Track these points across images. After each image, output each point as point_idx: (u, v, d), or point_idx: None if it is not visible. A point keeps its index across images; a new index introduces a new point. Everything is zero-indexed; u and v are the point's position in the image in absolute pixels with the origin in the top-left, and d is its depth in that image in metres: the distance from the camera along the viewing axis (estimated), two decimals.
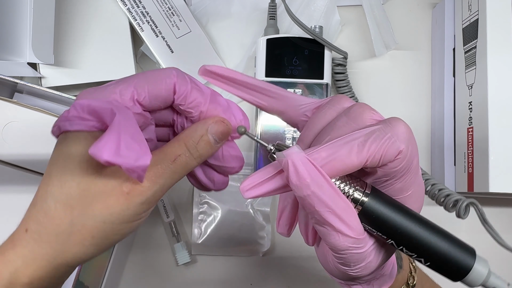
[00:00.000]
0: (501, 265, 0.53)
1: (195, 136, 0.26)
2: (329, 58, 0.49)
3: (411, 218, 0.24)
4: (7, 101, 0.40)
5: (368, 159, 0.23)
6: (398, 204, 0.24)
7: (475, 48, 0.46)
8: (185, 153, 0.26)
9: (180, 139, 0.26)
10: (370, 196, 0.24)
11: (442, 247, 0.24)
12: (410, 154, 0.24)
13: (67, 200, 0.25)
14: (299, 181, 0.22)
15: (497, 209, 0.53)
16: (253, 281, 0.52)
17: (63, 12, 0.49)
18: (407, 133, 0.24)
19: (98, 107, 0.24)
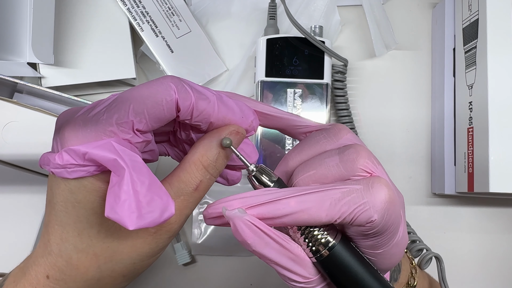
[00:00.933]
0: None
1: (211, 155, 0.24)
2: (329, 58, 0.49)
3: (366, 280, 0.24)
4: (7, 101, 0.40)
5: (337, 219, 0.22)
6: (360, 263, 0.24)
7: (475, 48, 0.46)
8: (206, 176, 0.24)
9: (196, 162, 0.24)
10: (336, 246, 0.23)
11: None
12: (385, 223, 0.23)
13: (90, 249, 0.23)
14: (242, 241, 0.22)
15: (497, 209, 0.53)
16: (253, 281, 0.52)
17: (63, 12, 0.49)
18: (385, 203, 0.22)
19: (99, 157, 0.21)
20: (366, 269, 0.24)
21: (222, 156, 0.24)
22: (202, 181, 0.24)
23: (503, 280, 0.53)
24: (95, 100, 0.30)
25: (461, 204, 0.53)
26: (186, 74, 0.50)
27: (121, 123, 0.22)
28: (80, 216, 0.23)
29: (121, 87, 0.53)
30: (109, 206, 0.21)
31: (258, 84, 0.49)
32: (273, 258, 0.23)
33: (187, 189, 0.24)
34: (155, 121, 0.23)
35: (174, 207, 0.22)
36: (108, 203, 0.21)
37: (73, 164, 0.22)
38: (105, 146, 0.21)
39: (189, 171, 0.24)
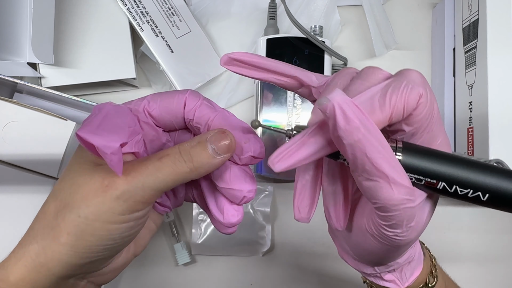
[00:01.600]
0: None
1: (191, 142, 0.25)
2: (329, 58, 0.49)
3: (453, 158, 0.23)
4: (7, 101, 0.40)
5: (392, 111, 0.22)
6: (434, 150, 0.23)
7: (475, 48, 0.46)
8: (175, 154, 0.24)
9: (175, 146, 0.25)
10: (405, 148, 0.23)
11: (495, 178, 0.22)
12: (430, 97, 0.23)
13: (58, 194, 0.25)
14: (349, 124, 0.20)
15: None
16: (253, 281, 0.52)
17: (63, 12, 0.49)
18: (422, 78, 0.23)
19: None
20: (443, 151, 0.23)
21: (201, 147, 0.25)
22: (168, 155, 0.24)
23: (503, 280, 0.53)
24: (95, 100, 0.31)
25: (461, 204, 0.53)
26: (186, 74, 0.50)
27: (137, 103, 0.27)
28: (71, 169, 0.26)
29: (121, 87, 0.53)
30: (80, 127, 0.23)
31: (258, 84, 0.48)
32: (381, 147, 0.21)
33: (152, 158, 0.25)
34: (164, 110, 0.27)
35: (120, 142, 0.23)
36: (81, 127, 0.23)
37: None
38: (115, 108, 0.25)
39: (164, 148, 0.26)
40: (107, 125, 0.23)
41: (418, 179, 0.23)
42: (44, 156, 0.39)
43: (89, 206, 0.24)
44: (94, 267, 0.26)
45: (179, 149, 0.25)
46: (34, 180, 0.39)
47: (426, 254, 0.33)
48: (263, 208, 0.52)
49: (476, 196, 0.23)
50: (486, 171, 0.23)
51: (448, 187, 0.23)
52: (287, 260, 0.52)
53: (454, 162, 0.23)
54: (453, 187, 0.23)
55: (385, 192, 0.22)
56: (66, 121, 0.40)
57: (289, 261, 0.52)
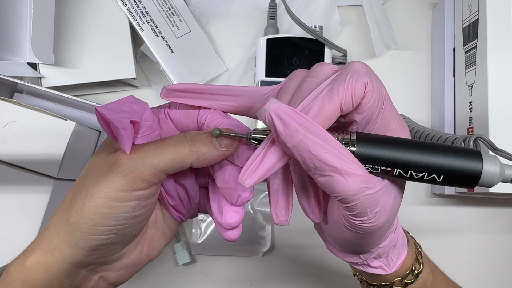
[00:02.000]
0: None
1: (198, 132, 0.26)
2: (329, 58, 0.49)
3: (406, 143, 0.24)
4: (7, 101, 0.40)
5: (341, 103, 0.23)
6: (388, 137, 0.24)
7: (475, 48, 0.46)
8: (179, 136, 0.26)
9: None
10: (358, 139, 0.24)
11: (447, 159, 0.23)
12: (377, 85, 0.24)
13: (77, 182, 0.26)
14: (288, 128, 0.22)
15: (497, 209, 0.53)
16: (253, 281, 0.52)
17: (63, 12, 0.49)
18: (366, 67, 0.24)
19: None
20: (396, 137, 0.24)
21: (205, 134, 0.26)
22: (172, 137, 0.26)
23: (503, 280, 0.53)
24: (95, 100, 0.31)
25: (461, 204, 0.53)
26: (186, 74, 0.50)
27: (160, 106, 0.28)
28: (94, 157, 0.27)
29: (121, 87, 0.53)
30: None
31: (258, 84, 0.48)
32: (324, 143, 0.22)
33: (159, 139, 0.26)
34: (182, 112, 0.28)
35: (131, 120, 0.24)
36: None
37: None
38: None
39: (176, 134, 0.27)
40: (124, 107, 0.25)
41: (374, 168, 0.24)
42: (44, 156, 0.39)
43: (95, 185, 0.24)
44: (103, 255, 0.26)
45: (184, 133, 0.26)
46: (34, 180, 0.39)
47: (410, 241, 0.33)
48: (263, 208, 0.52)
49: (432, 178, 0.23)
50: (438, 152, 0.23)
51: (403, 172, 0.24)
52: (287, 260, 0.52)
53: (407, 147, 0.23)
54: (408, 172, 0.23)
55: (340, 184, 0.22)
56: (66, 121, 0.40)
57: (289, 261, 0.52)
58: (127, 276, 0.29)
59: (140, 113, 0.26)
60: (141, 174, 0.24)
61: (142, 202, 0.25)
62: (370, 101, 0.24)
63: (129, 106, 0.25)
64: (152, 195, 0.26)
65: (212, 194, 0.29)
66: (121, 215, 0.25)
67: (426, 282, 0.33)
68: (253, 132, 0.25)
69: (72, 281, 0.26)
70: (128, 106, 0.25)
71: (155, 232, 0.29)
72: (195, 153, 0.25)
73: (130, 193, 0.24)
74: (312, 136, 0.22)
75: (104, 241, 0.25)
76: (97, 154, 0.27)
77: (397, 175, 0.24)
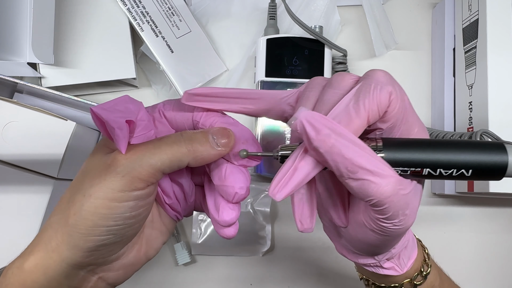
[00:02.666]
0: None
1: (195, 131, 0.27)
2: (329, 58, 0.49)
3: (432, 143, 0.24)
4: (7, 101, 0.40)
5: (368, 115, 0.23)
6: (413, 139, 0.25)
7: (475, 48, 0.46)
8: (177, 135, 0.26)
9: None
10: (385, 145, 0.24)
11: (474, 154, 0.24)
12: (400, 92, 0.24)
13: (73, 183, 0.26)
14: (320, 134, 0.22)
15: (497, 209, 0.53)
16: (253, 281, 0.52)
17: (63, 12, 0.49)
18: (387, 76, 0.24)
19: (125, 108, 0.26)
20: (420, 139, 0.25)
21: (203, 133, 0.26)
22: (170, 136, 0.26)
23: (503, 280, 0.53)
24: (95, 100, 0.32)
25: (461, 204, 0.53)
26: (186, 74, 0.50)
27: (154, 105, 0.28)
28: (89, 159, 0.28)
29: (121, 87, 0.53)
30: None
31: (258, 84, 0.49)
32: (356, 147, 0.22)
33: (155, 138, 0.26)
34: (177, 111, 0.28)
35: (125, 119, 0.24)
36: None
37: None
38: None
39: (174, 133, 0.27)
40: (119, 106, 0.25)
41: (403, 171, 0.24)
42: (44, 156, 0.39)
43: (93, 186, 0.24)
44: (102, 255, 0.26)
45: (181, 133, 0.26)
46: (34, 180, 0.39)
47: (417, 243, 0.34)
48: (263, 208, 0.52)
49: (461, 173, 0.24)
50: (464, 148, 0.24)
51: (433, 171, 0.24)
52: (287, 260, 0.52)
53: (434, 147, 0.24)
54: (437, 170, 0.24)
55: (374, 187, 0.22)
56: (66, 121, 0.40)
57: (289, 261, 0.52)
58: (125, 276, 0.29)
59: (136, 112, 0.26)
60: (139, 174, 0.24)
61: (140, 202, 0.25)
62: (394, 109, 0.24)
63: (124, 106, 0.26)
64: (150, 195, 0.26)
65: (208, 192, 0.29)
66: (119, 215, 0.25)
67: (434, 284, 0.33)
68: (280, 149, 0.26)
69: (71, 282, 0.26)
70: (123, 105, 0.26)
71: (152, 231, 0.30)
72: (193, 153, 0.26)
73: (128, 193, 0.24)
74: (344, 140, 0.22)
75: (103, 242, 0.25)
76: (93, 154, 0.27)
77: (427, 174, 0.24)
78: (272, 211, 0.52)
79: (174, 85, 0.50)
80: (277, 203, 0.53)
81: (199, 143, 0.26)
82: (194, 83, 0.50)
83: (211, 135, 0.26)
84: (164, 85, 0.53)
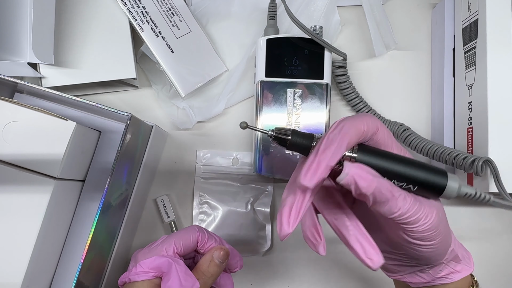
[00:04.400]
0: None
1: (205, 263, 0.39)
2: (329, 58, 0.49)
3: (396, 158, 0.30)
4: (7, 101, 0.40)
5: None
6: (382, 150, 0.31)
7: (475, 48, 0.46)
8: (202, 276, 0.39)
9: (197, 268, 0.39)
10: (359, 149, 0.30)
11: (422, 175, 0.30)
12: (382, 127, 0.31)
13: None
14: (367, 183, 0.27)
15: (497, 209, 0.53)
16: (253, 281, 0.52)
17: (63, 12, 0.49)
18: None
19: (159, 262, 0.38)
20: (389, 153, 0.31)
21: (213, 263, 0.39)
22: (199, 279, 0.39)
23: (503, 280, 0.53)
24: (95, 100, 0.35)
25: (461, 204, 0.53)
26: (186, 74, 0.50)
27: (168, 249, 0.39)
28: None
29: (121, 87, 0.53)
30: (163, 283, 0.37)
31: (258, 84, 0.49)
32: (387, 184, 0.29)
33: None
34: (186, 248, 0.40)
35: (199, 284, 0.38)
36: (163, 282, 0.37)
37: (142, 271, 0.38)
38: (162, 257, 0.38)
39: (196, 271, 0.39)
40: (183, 277, 0.38)
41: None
42: (44, 156, 0.39)
43: None
44: None
45: (202, 272, 0.39)
46: (34, 180, 0.39)
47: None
48: (263, 208, 0.52)
49: (408, 188, 0.30)
50: (417, 168, 0.30)
51: (388, 179, 0.30)
52: (287, 260, 0.52)
53: (395, 161, 0.30)
54: (393, 180, 0.30)
55: (394, 204, 0.29)
56: (66, 121, 0.40)
57: (289, 261, 0.52)
58: None
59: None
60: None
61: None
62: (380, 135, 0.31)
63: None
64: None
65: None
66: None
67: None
68: (275, 130, 0.31)
69: None
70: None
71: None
72: (212, 277, 0.40)
73: None
74: (381, 180, 0.28)
75: None
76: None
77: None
78: (272, 211, 0.52)
79: (174, 85, 0.50)
80: (277, 203, 0.53)
81: (214, 270, 0.40)
82: (194, 83, 0.50)
83: (217, 259, 0.39)
84: (164, 85, 0.53)
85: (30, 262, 0.38)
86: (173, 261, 0.38)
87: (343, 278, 0.52)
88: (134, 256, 0.40)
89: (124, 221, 0.45)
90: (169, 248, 0.39)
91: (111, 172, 0.39)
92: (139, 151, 0.45)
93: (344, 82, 0.51)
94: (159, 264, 0.38)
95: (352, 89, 0.52)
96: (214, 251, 0.40)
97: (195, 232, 0.40)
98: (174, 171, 0.53)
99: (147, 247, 0.41)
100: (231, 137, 0.53)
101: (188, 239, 0.40)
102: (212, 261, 0.39)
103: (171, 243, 0.39)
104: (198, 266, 0.39)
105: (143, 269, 0.38)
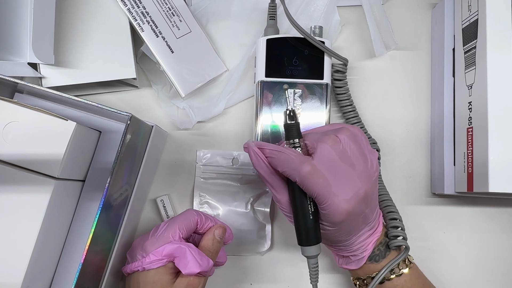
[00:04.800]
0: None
1: (209, 242, 0.45)
2: (329, 60, 0.49)
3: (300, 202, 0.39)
4: (7, 101, 0.40)
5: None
6: (299, 194, 0.39)
7: (474, 48, 0.46)
8: (208, 254, 0.44)
9: (203, 247, 0.44)
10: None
11: (304, 226, 0.39)
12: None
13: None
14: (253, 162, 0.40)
15: (497, 209, 0.53)
16: (253, 281, 0.52)
17: (63, 12, 0.49)
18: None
19: (171, 249, 0.42)
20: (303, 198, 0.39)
21: (215, 241, 0.45)
22: (208, 255, 0.44)
23: (502, 280, 0.53)
24: (95, 100, 0.34)
25: (460, 204, 0.53)
26: (186, 74, 0.50)
27: (174, 234, 0.43)
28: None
29: (122, 87, 0.53)
30: (183, 267, 0.42)
31: (258, 84, 0.49)
32: (265, 176, 0.40)
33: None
34: (188, 231, 0.44)
35: (212, 263, 0.43)
36: (181, 267, 0.42)
37: (156, 260, 0.42)
38: (172, 244, 0.43)
39: (203, 250, 0.44)
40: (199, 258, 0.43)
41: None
42: (44, 156, 0.39)
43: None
44: None
45: (208, 249, 0.44)
46: (34, 180, 0.39)
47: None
48: (263, 208, 0.52)
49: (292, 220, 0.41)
50: (305, 219, 0.39)
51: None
52: (287, 260, 0.52)
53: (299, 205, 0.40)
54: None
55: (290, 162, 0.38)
56: (66, 121, 0.40)
57: (289, 261, 0.52)
58: None
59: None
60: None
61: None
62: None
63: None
64: None
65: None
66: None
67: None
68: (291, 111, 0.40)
69: None
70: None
71: None
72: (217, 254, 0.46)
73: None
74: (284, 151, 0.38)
75: None
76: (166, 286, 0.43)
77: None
78: (272, 211, 0.52)
79: (174, 85, 0.50)
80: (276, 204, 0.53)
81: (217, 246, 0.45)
82: (194, 83, 0.50)
83: (218, 236, 0.45)
84: (164, 85, 0.53)
85: (30, 262, 0.38)
86: (186, 246, 0.42)
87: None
88: (140, 246, 0.43)
89: (124, 221, 0.45)
90: (175, 234, 0.43)
91: (111, 172, 0.39)
92: (139, 151, 0.45)
93: (340, 88, 0.51)
94: (172, 250, 0.42)
95: (348, 96, 0.51)
96: (214, 230, 0.45)
97: (194, 216, 0.45)
98: (174, 171, 0.53)
99: (151, 235, 0.44)
100: (231, 137, 0.53)
101: (189, 223, 0.44)
102: (214, 239, 0.44)
103: (176, 229, 0.43)
104: (204, 245, 0.44)
105: (157, 257, 0.42)
